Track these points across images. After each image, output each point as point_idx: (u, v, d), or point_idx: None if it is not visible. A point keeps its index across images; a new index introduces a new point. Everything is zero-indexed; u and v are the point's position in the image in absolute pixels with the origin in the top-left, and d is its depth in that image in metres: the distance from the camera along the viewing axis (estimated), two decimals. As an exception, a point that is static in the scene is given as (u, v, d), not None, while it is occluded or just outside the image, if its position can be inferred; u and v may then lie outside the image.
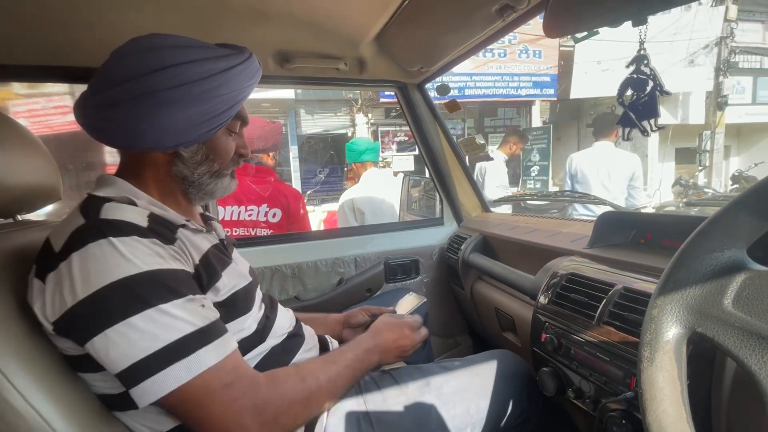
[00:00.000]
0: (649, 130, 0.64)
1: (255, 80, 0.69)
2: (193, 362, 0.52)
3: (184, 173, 0.67)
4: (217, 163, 0.69)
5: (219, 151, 0.69)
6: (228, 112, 0.64)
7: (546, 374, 0.78)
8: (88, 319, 0.50)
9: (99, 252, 0.52)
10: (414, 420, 0.70)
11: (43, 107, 4.97)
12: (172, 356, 0.51)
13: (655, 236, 0.86)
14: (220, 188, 0.71)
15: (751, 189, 0.38)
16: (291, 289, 1.33)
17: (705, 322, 0.37)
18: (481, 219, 1.54)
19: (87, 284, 0.50)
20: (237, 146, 0.72)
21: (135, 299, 0.51)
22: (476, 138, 1.47)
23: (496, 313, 1.19)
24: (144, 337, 0.50)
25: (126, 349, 0.50)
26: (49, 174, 0.74)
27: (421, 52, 1.21)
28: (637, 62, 0.64)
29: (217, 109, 0.62)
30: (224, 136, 0.69)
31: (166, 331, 0.51)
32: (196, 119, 0.61)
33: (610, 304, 0.70)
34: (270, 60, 1.19)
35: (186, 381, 0.51)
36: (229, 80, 0.63)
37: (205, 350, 0.53)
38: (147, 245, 0.55)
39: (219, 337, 0.56)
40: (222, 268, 0.66)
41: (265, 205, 1.59)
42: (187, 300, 0.55)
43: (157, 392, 0.50)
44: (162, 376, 0.50)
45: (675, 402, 0.37)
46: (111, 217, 0.56)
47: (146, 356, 0.50)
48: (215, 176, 0.69)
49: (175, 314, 0.53)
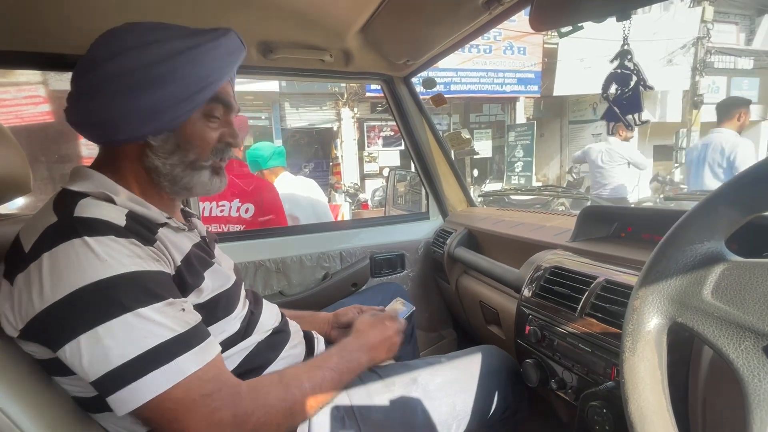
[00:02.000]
0: (633, 125, 0.65)
1: (233, 60, 0.63)
2: (172, 370, 0.49)
3: (156, 165, 0.62)
4: (193, 153, 0.63)
5: (193, 139, 0.62)
6: (198, 96, 0.59)
7: (529, 366, 0.79)
8: (59, 325, 0.48)
9: (72, 252, 0.49)
10: (399, 416, 0.70)
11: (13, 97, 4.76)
12: (150, 364, 0.48)
13: (636, 230, 0.88)
14: (198, 183, 0.65)
15: (729, 182, 0.39)
16: (275, 284, 1.31)
17: (685, 313, 0.38)
18: (466, 213, 1.54)
19: (58, 287, 0.47)
20: (222, 135, 0.66)
21: (110, 303, 0.48)
22: (462, 132, 1.48)
23: (481, 307, 1.20)
24: (120, 344, 0.47)
25: (101, 356, 0.47)
26: (18, 165, 0.70)
27: (408, 45, 1.20)
28: (621, 57, 0.64)
29: (181, 92, 0.57)
30: (200, 122, 0.63)
31: (144, 337, 0.49)
32: (158, 105, 0.57)
33: (593, 296, 0.71)
34: (253, 50, 1.16)
35: (164, 390, 0.48)
36: (193, 60, 0.58)
37: (185, 357, 0.50)
38: (124, 245, 0.52)
39: (200, 342, 0.53)
40: (204, 268, 0.64)
41: (238, 200, 1.55)
42: (167, 304, 0.52)
43: (134, 401, 0.48)
44: (139, 385, 0.47)
45: (656, 390, 0.38)
46: (86, 215, 0.52)
47: (122, 364, 0.47)
48: (190, 168, 0.63)
49: (153, 319, 0.50)
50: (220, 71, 0.61)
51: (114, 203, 0.56)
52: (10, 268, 0.51)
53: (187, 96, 0.58)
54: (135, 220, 0.56)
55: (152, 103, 0.57)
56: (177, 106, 0.58)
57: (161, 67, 0.56)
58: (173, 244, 0.60)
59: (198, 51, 0.58)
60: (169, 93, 0.57)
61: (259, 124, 8.41)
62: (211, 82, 0.60)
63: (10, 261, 0.52)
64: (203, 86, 0.59)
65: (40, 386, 0.54)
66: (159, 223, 0.60)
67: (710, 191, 0.40)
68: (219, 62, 0.61)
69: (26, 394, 0.51)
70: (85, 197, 0.55)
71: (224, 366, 0.57)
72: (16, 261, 0.51)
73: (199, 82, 0.59)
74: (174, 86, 0.57)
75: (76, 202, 0.54)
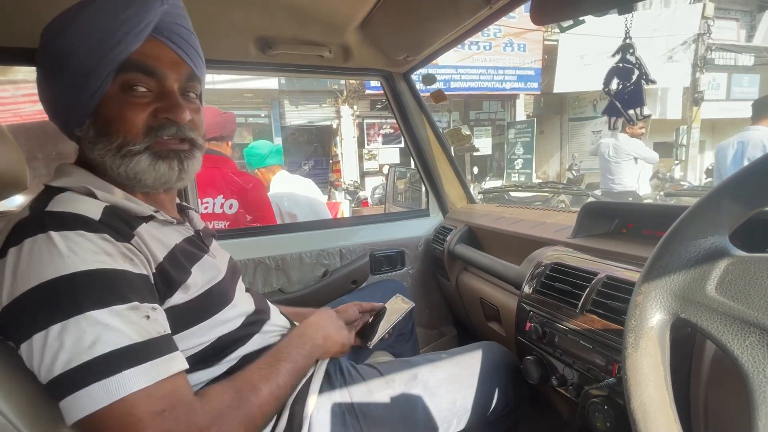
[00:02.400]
0: (635, 119, 0.64)
1: (137, 14, 0.52)
2: (116, 384, 0.44)
3: (91, 158, 0.56)
4: (116, 136, 0.55)
5: (112, 121, 0.54)
6: (102, 66, 0.51)
7: (530, 362, 0.78)
8: (18, 323, 0.45)
9: (35, 248, 0.46)
10: (400, 412, 0.70)
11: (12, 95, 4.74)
12: (93, 374, 0.43)
13: (637, 226, 0.88)
14: (138, 171, 0.56)
15: (733, 176, 0.38)
16: (275, 282, 1.31)
17: (689, 308, 0.37)
18: (466, 210, 1.54)
19: (17, 285, 0.45)
20: (157, 111, 0.56)
21: (66, 302, 0.45)
22: (462, 129, 1.47)
23: (481, 304, 1.20)
24: (68, 348, 0.44)
25: (49, 360, 0.44)
26: (14, 162, 0.70)
27: (407, 40, 1.19)
28: (623, 51, 0.64)
29: (84, 65, 0.50)
30: (118, 99, 0.54)
31: (92, 342, 0.44)
32: (67, 87, 0.52)
33: (594, 293, 0.71)
34: (251, 46, 1.15)
35: (105, 405, 0.43)
36: (86, 23, 0.51)
37: (134, 371, 0.45)
38: (92, 240, 0.49)
39: (159, 355, 0.48)
40: (192, 263, 0.61)
41: (221, 196, 1.54)
42: (130, 307, 0.48)
43: (75, 413, 0.43)
44: (80, 396, 0.43)
45: (659, 387, 0.37)
46: (57, 209, 0.50)
47: (67, 371, 0.43)
48: (121, 156, 0.55)
49: (107, 323, 0.45)
50: (121, 29, 0.52)
51: (95, 198, 0.54)
52: None
53: (89, 69, 0.51)
54: (113, 213, 0.53)
55: (59, 88, 0.53)
56: (83, 85, 0.52)
57: (58, 44, 0.51)
58: (156, 239, 0.57)
59: (87, 13, 0.51)
60: (72, 71, 0.51)
61: (258, 122, 8.40)
62: (113, 45, 0.51)
63: None
64: (104, 53, 0.51)
65: (35, 385, 0.53)
66: (143, 216, 0.57)
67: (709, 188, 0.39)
68: (115, 19, 0.51)
69: (21, 392, 0.50)
70: (65, 191, 0.53)
71: (184, 381, 0.51)
72: None
73: (97, 49, 0.51)
74: (74, 61, 0.51)
75: (52, 197, 0.52)
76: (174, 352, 0.50)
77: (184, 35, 0.60)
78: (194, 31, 0.63)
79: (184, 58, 0.60)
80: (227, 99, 7.38)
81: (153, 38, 0.56)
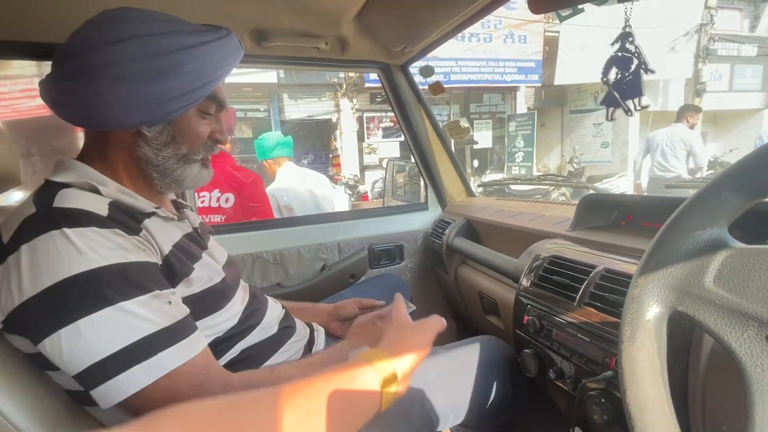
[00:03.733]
0: (633, 110, 0.63)
1: (232, 61, 0.64)
2: (155, 365, 0.48)
3: (147, 155, 0.61)
4: (186, 146, 0.64)
5: (188, 133, 0.63)
6: (198, 92, 0.60)
7: (528, 355, 0.78)
8: (38, 319, 0.47)
9: (51, 245, 0.47)
10: (396, 407, 0.70)
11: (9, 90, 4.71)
12: (132, 358, 0.47)
13: (636, 218, 0.87)
14: (189, 176, 0.66)
15: (732, 167, 0.37)
16: (273, 276, 1.30)
17: (686, 301, 0.37)
18: (465, 203, 1.53)
19: (37, 280, 0.46)
20: (212, 131, 0.67)
21: (92, 296, 0.47)
22: (461, 121, 1.46)
23: (480, 297, 1.20)
24: (101, 338, 0.47)
25: (81, 350, 0.46)
26: (7, 158, 0.69)
27: (405, 31, 1.18)
28: (622, 40, 0.62)
29: (184, 87, 0.58)
30: (195, 118, 0.64)
31: (126, 331, 0.48)
32: (159, 96, 0.56)
33: (591, 286, 0.70)
34: (246, 38, 1.13)
35: (147, 384, 0.48)
36: (199, 57, 0.58)
37: (169, 352, 0.50)
38: (106, 236, 0.51)
39: (186, 336, 0.52)
40: (194, 260, 0.63)
41: (217, 190, 1.54)
42: (152, 296, 0.51)
43: (117, 395, 0.47)
44: (121, 380, 0.47)
45: (655, 381, 0.37)
46: (65, 206, 0.51)
47: (103, 359, 0.46)
48: (183, 161, 0.64)
49: (136, 312, 0.49)
50: (221, 70, 0.62)
51: (99, 193, 0.55)
52: None
53: (189, 91, 0.59)
54: (119, 209, 0.55)
55: (153, 94, 0.56)
56: (177, 100, 0.58)
57: (168, 59, 0.56)
58: (161, 234, 0.59)
59: (205, 48, 0.59)
60: (172, 86, 0.57)
61: (258, 116, 8.36)
62: (212, 80, 0.61)
63: None
64: (205, 83, 0.60)
65: (33, 380, 0.53)
66: (146, 212, 0.59)
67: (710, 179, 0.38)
68: (221, 62, 0.62)
69: (18, 387, 0.50)
70: (68, 188, 0.54)
71: (213, 359, 0.56)
72: None
73: (201, 78, 0.59)
74: (178, 80, 0.57)
75: (56, 192, 0.53)
76: (196, 330, 0.55)
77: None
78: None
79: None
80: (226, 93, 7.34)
81: None
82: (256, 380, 0.58)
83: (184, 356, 0.51)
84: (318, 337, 0.84)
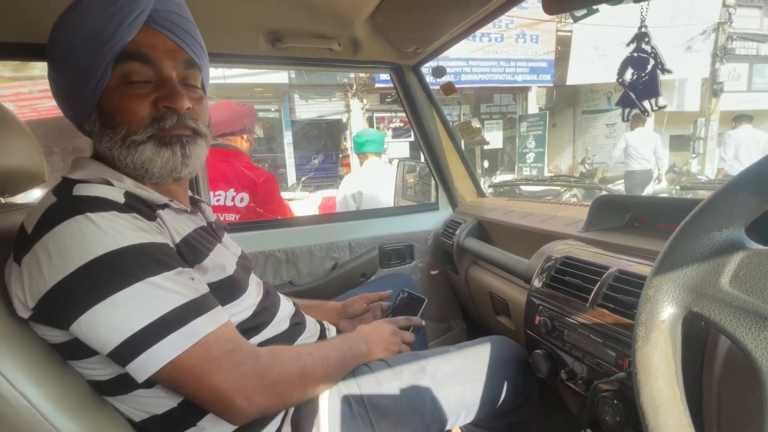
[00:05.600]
0: (650, 110, 0.63)
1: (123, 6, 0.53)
2: (189, 331, 0.50)
3: (99, 151, 0.60)
4: (120, 128, 0.57)
5: (115, 113, 0.56)
6: (99, 59, 0.53)
7: (539, 356, 0.78)
8: (71, 299, 0.48)
9: (76, 228, 0.49)
10: (408, 403, 0.71)
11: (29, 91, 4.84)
12: (167, 327, 0.49)
13: (650, 219, 0.86)
14: (145, 160, 0.58)
15: (750, 168, 0.37)
16: (285, 274, 1.32)
17: (701, 302, 0.36)
18: (476, 204, 1.53)
19: (66, 263, 0.48)
20: (156, 100, 0.57)
21: (121, 273, 0.49)
22: (472, 121, 1.46)
23: (491, 297, 1.19)
24: (135, 311, 0.48)
25: (117, 324, 0.48)
26: (33, 156, 0.72)
27: (417, 32, 1.18)
28: (638, 40, 0.62)
29: (82, 60, 0.53)
30: (119, 92, 0.56)
31: (158, 303, 0.50)
32: (72, 83, 0.55)
33: (604, 287, 0.70)
34: (261, 39, 1.15)
35: (185, 349, 0.50)
36: (78, 21, 0.54)
37: (201, 320, 0.52)
38: (127, 220, 0.52)
39: (211, 308, 0.55)
40: (207, 250, 0.64)
41: (233, 189, 1.57)
42: (177, 272, 0.53)
43: (155, 364, 0.49)
44: (159, 348, 0.49)
45: (669, 381, 0.37)
46: (84, 194, 0.53)
47: (140, 330, 0.48)
48: (126, 147, 0.57)
49: (165, 286, 0.51)
50: (113, 22, 0.53)
51: (112, 186, 0.57)
52: (17, 251, 0.52)
53: (88, 63, 0.53)
54: (134, 198, 0.57)
55: (65, 84, 0.56)
56: (84, 79, 0.54)
57: (60, 41, 0.54)
58: (173, 224, 0.61)
59: (80, 8, 0.54)
60: (73, 66, 0.54)
61: (268, 116, 8.43)
62: (107, 37, 0.53)
63: (17, 245, 0.53)
64: (100, 45, 0.53)
65: (57, 370, 0.55)
66: (159, 204, 0.61)
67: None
68: (105, 12, 0.53)
69: (44, 377, 0.52)
70: (84, 182, 0.56)
71: (237, 331, 0.59)
72: (22, 244, 0.51)
73: (92, 42, 0.53)
74: (74, 56, 0.53)
75: (74, 185, 0.54)
76: (219, 305, 0.57)
77: (180, 23, 0.60)
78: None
79: (182, 46, 0.60)
80: (237, 93, 7.42)
81: (148, 27, 0.57)
82: (279, 351, 0.61)
83: (214, 324, 0.53)
84: (329, 335, 0.86)
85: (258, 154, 6.88)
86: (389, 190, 2.23)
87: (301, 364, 0.61)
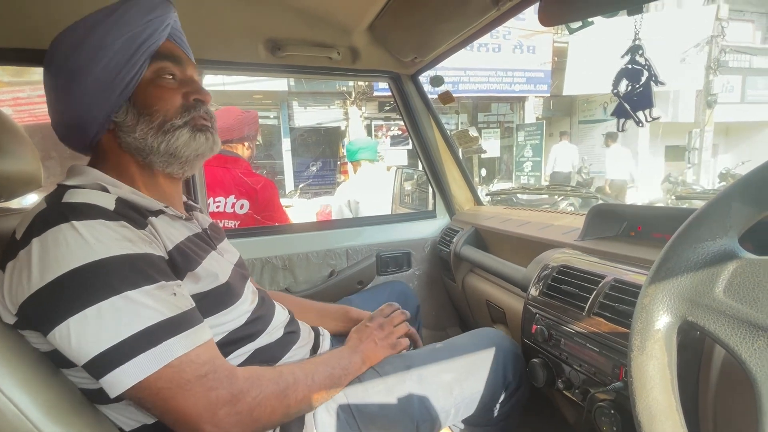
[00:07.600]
0: (644, 121, 0.64)
1: (158, 16, 0.61)
2: (161, 352, 0.49)
3: (129, 142, 0.61)
4: (157, 115, 0.61)
5: (151, 101, 0.61)
6: (136, 56, 0.59)
7: (536, 365, 0.78)
8: (48, 309, 0.48)
9: (60, 237, 0.49)
10: (397, 407, 0.70)
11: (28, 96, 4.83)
12: (138, 346, 0.48)
13: (646, 229, 0.87)
14: (180, 145, 0.63)
15: (743, 178, 0.38)
16: (282, 281, 1.32)
17: (696, 311, 0.37)
18: (473, 212, 1.53)
19: (46, 271, 0.48)
20: (186, 94, 0.64)
21: (99, 286, 0.48)
22: (469, 130, 1.47)
23: (488, 306, 1.19)
24: (107, 327, 0.47)
25: (89, 339, 0.47)
26: (30, 161, 0.72)
27: (415, 42, 1.20)
28: (632, 52, 0.63)
29: (119, 58, 0.57)
30: (153, 84, 0.62)
31: (132, 320, 0.48)
32: (103, 78, 0.58)
33: (601, 296, 0.70)
34: (261, 47, 1.16)
35: (153, 372, 0.48)
36: (117, 24, 0.58)
37: (176, 339, 0.50)
38: (114, 229, 0.52)
39: (191, 327, 0.53)
40: (200, 257, 0.63)
41: (233, 195, 1.57)
42: (158, 287, 0.52)
43: (124, 384, 0.47)
44: (127, 368, 0.47)
45: (665, 390, 0.37)
46: (73, 200, 0.53)
47: (110, 347, 0.47)
48: (162, 132, 0.62)
49: (142, 302, 0.50)
50: (149, 28, 0.60)
51: (107, 192, 0.57)
52: (4, 256, 0.52)
53: (124, 60, 0.58)
54: (125, 204, 0.57)
55: (96, 79, 0.58)
56: (120, 74, 0.58)
57: (89, 42, 0.57)
58: (166, 231, 0.60)
59: (118, 13, 0.59)
60: (107, 64, 0.57)
61: (267, 123, 8.46)
62: (144, 40, 0.59)
63: (5, 250, 0.53)
64: (137, 46, 0.59)
65: (48, 378, 0.54)
66: (153, 210, 0.61)
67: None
68: (142, 19, 0.59)
69: (34, 385, 0.51)
70: (78, 188, 0.56)
71: (218, 352, 0.57)
72: (9, 249, 0.51)
73: (132, 41, 0.58)
74: (108, 53, 0.57)
75: (66, 191, 0.55)
76: (202, 322, 0.55)
77: (185, 39, 0.70)
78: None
79: (190, 57, 0.70)
80: (237, 100, 7.45)
81: (167, 39, 0.65)
82: (259, 373, 0.59)
83: (189, 345, 0.51)
84: (323, 342, 0.84)
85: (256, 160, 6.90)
86: (385, 192, 2.24)
87: (282, 385, 0.59)
